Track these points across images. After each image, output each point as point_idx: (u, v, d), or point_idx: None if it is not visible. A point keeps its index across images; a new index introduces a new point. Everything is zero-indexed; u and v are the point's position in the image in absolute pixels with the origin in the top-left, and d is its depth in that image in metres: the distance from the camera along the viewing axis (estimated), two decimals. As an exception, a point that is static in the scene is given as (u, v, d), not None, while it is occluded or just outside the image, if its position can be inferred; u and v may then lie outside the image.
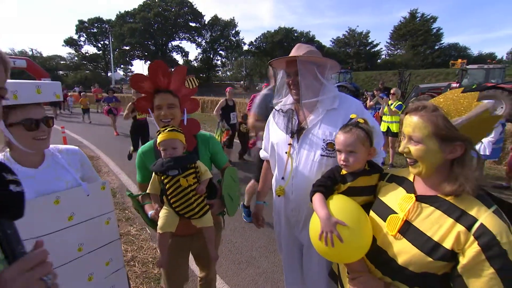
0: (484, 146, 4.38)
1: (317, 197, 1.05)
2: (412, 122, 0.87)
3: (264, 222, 1.75)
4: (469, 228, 0.77)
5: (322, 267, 1.38)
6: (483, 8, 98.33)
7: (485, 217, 0.76)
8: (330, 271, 1.28)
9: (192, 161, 1.33)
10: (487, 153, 4.39)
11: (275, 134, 1.48)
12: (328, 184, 1.08)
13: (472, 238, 0.75)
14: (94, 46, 48.39)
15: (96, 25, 46.86)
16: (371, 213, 1.03)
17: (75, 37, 46.88)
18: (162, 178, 1.29)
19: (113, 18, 46.98)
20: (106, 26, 44.34)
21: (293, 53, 1.34)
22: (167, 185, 1.28)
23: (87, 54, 48.90)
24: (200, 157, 1.44)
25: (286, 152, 1.38)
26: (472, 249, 0.75)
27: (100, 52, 48.68)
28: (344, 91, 15.21)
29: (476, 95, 0.82)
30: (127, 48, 45.76)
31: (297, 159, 1.34)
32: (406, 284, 0.88)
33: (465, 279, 0.76)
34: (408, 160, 0.91)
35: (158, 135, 1.31)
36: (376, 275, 0.96)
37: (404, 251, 0.87)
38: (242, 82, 38.90)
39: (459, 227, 0.78)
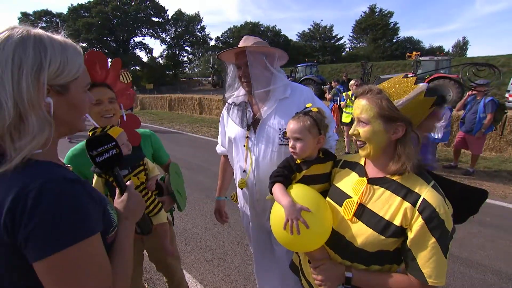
0: (436, 130, 4.78)
1: (277, 187, 1.04)
2: (360, 105, 0.91)
3: (228, 217, 1.76)
4: (414, 204, 0.83)
5: (290, 255, 1.41)
6: (432, 5, 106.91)
7: (426, 192, 0.83)
8: (291, 263, 1.30)
9: (141, 158, 1.30)
10: (439, 137, 4.80)
11: (231, 128, 1.48)
12: (285, 174, 1.08)
13: (417, 213, 0.82)
14: (45, 42, 44.11)
15: (44, 18, 42.42)
16: (328, 199, 1.05)
17: (20, 32, 42.30)
18: (111, 179, 1.17)
19: (64, 11, 43.15)
20: (57, 20, 40.51)
21: (241, 44, 1.34)
22: None
23: (36, 52, 44.52)
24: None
25: (244, 145, 1.39)
26: (418, 223, 0.81)
27: (53, 49, 44.55)
28: (311, 83, 15.74)
29: (413, 79, 0.88)
30: (84, 44, 42.26)
31: (256, 150, 1.35)
32: (363, 264, 0.93)
33: (413, 251, 0.83)
34: (358, 142, 0.95)
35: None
36: (336, 260, 0.99)
37: (360, 233, 0.91)
38: (210, 78, 38.13)
39: (406, 204, 0.84)
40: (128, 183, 0.88)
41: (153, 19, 44.94)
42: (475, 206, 0.91)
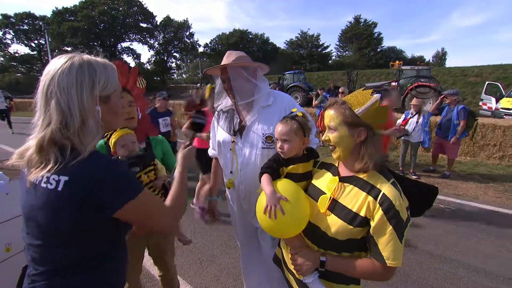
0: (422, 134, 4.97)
1: (265, 177, 1.18)
2: (328, 115, 1.07)
3: (220, 217, 1.84)
4: (375, 198, 0.97)
5: (275, 249, 1.51)
6: (413, 17, 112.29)
7: (385, 188, 0.97)
8: (274, 256, 1.41)
9: (152, 158, 1.43)
10: (420, 139, 5.00)
11: (220, 133, 1.59)
12: (274, 166, 1.21)
13: (377, 205, 0.96)
14: (26, 45, 42.60)
15: (26, 21, 41.27)
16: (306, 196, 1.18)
17: (-1, 34, 40.88)
18: (137, 175, 1.35)
19: (48, 14, 42.12)
20: (40, 23, 39.49)
21: (224, 61, 1.47)
22: None
23: (17, 55, 42.85)
24: None
25: (230, 149, 1.51)
26: (378, 214, 0.95)
27: (35, 52, 43.16)
28: (298, 90, 16.07)
29: (370, 91, 1.05)
30: (69, 49, 41.31)
31: (242, 153, 1.47)
32: (335, 251, 1.06)
33: (375, 238, 0.97)
34: (330, 147, 1.10)
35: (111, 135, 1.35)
36: (313, 248, 1.12)
37: (332, 224, 1.04)
38: (198, 84, 38.11)
39: (370, 198, 0.98)
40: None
41: (141, 24, 44.58)
42: (429, 200, 1.06)
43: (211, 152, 1.78)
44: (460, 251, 2.85)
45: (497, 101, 10.83)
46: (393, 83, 14.16)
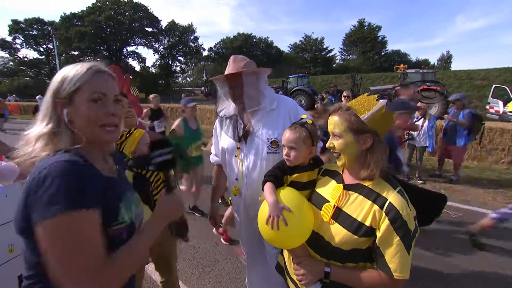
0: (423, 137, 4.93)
1: (268, 186, 1.14)
2: (333, 121, 1.03)
3: (222, 222, 1.82)
4: (381, 206, 0.93)
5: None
6: (417, 20, 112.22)
7: (392, 196, 0.94)
8: (277, 264, 1.37)
9: None
10: (427, 144, 4.96)
11: (224, 140, 1.57)
12: (277, 174, 1.17)
13: (384, 214, 0.92)
14: (35, 50, 43.49)
15: (35, 26, 42.21)
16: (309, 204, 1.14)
17: (9, 39, 41.62)
18: (143, 173, 1.43)
19: (56, 19, 43.01)
20: (49, 28, 40.28)
21: (231, 66, 1.44)
22: (151, 179, 1.43)
23: (26, 59, 43.65)
24: None
25: (236, 156, 1.48)
26: (384, 223, 0.91)
27: (43, 57, 43.97)
28: (302, 94, 16.04)
29: (375, 97, 1.01)
30: (76, 53, 42.00)
31: (247, 160, 1.45)
32: (340, 262, 1.02)
33: (381, 249, 0.93)
34: (334, 154, 1.06)
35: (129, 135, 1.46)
36: (316, 258, 1.08)
37: (336, 233, 1.00)
38: (202, 88, 38.32)
39: (375, 207, 0.94)
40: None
41: (147, 29, 45.27)
42: (437, 209, 1.02)
43: (213, 159, 1.76)
44: (468, 259, 2.77)
45: (504, 105, 10.67)
46: (398, 87, 14.06)
